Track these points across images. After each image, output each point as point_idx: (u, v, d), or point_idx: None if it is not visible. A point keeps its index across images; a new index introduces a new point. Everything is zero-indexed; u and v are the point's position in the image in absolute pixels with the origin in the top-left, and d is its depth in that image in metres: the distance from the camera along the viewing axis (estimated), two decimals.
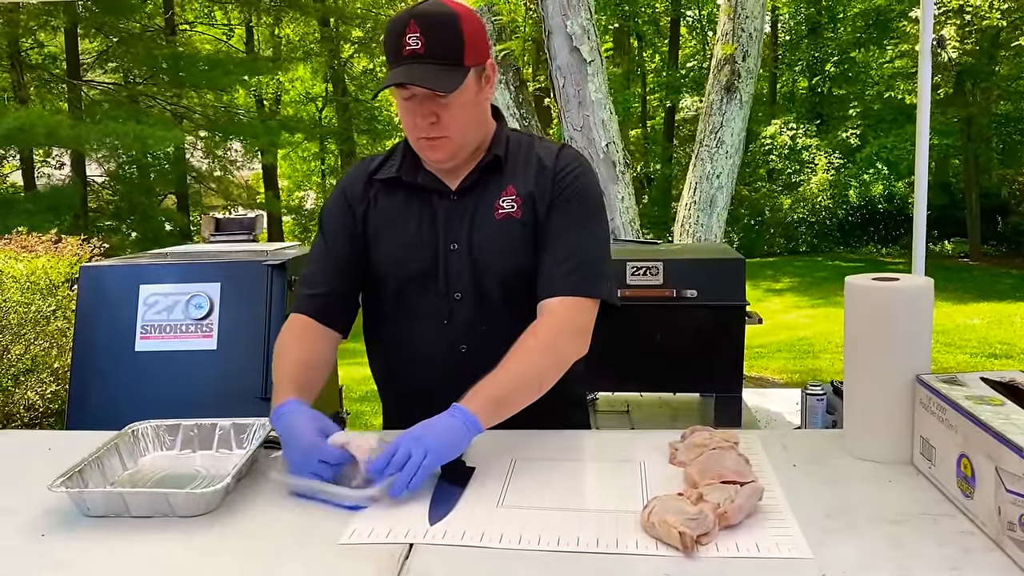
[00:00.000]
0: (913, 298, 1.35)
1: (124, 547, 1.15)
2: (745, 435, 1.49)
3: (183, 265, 2.81)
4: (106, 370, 2.69)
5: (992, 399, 1.21)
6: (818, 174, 19.14)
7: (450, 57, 1.49)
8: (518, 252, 1.60)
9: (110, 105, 15.56)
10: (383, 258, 1.65)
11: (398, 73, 1.48)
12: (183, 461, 1.49)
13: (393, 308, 1.66)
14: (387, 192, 1.67)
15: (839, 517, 1.18)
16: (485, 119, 1.64)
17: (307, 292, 1.68)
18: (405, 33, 1.47)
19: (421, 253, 1.62)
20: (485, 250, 1.60)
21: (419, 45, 1.47)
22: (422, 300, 1.63)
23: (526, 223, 1.61)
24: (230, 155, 19.57)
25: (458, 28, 1.50)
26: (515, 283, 1.61)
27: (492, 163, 1.64)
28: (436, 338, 1.63)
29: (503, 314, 1.60)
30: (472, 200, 1.63)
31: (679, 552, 1.08)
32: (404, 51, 1.48)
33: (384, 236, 1.65)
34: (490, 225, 1.61)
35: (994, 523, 1.08)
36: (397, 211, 1.66)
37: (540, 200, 1.61)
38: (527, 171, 1.64)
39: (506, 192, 1.62)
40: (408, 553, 1.11)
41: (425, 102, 1.51)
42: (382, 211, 1.66)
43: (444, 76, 1.48)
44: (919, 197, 3.03)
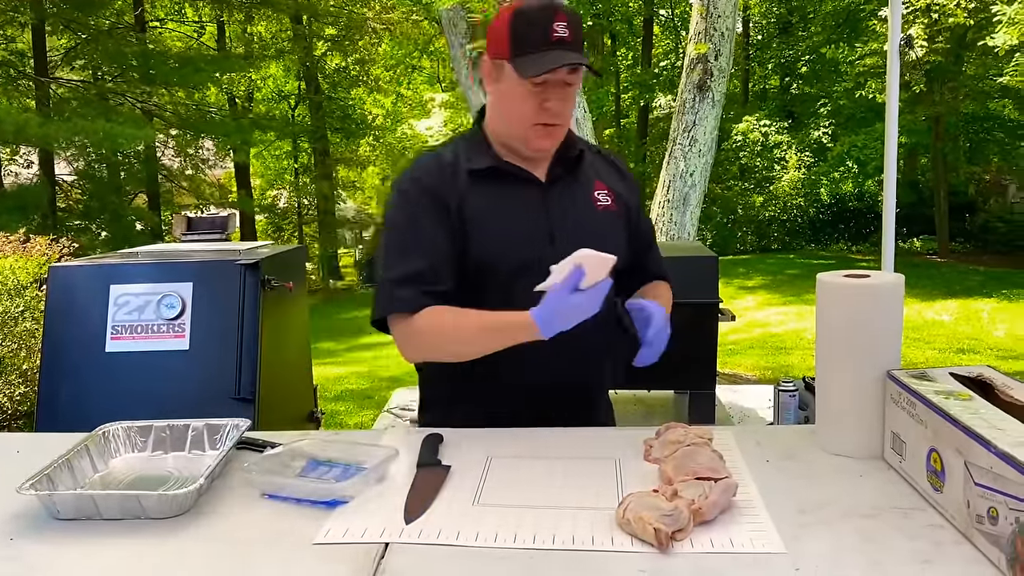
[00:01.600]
0: (884, 294, 1.37)
1: (95, 550, 1.14)
2: (719, 431, 1.50)
3: (154, 265, 2.77)
4: (76, 371, 2.65)
5: (961, 394, 1.23)
6: (789, 172, 19.31)
7: (581, 48, 1.61)
8: (618, 241, 1.72)
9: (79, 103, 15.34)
10: (488, 248, 1.65)
11: (557, 56, 1.55)
12: (155, 463, 1.48)
13: (499, 298, 1.61)
14: (477, 183, 1.67)
15: (812, 512, 1.19)
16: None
17: (424, 289, 1.61)
18: (554, 20, 1.56)
19: (525, 242, 1.66)
20: (593, 238, 1.60)
21: (567, 33, 1.56)
22: (529, 287, 1.59)
23: (620, 217, 1.77)
24: (202, 153, 19.36)
25: (582, 25, 1.62)
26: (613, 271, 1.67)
27: (577, 157, 1.74)
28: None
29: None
30: (563, 190, 1.72)
31: (654, 548, 1.08)
32: (553, 37, 1.56)
33: (487, 226, 1.65)
34: (593, 215, 1.72)
35: (963, 516, 1.10)
36: (495, 201, 1.68)
37: (628, 201, 1.80)
38: (607, 170, 1.81)
39: (597, 186, 1.76)
40: (384, 552, 1.11)
41: (557, 87, 1.59)
42: (479, 202, 1.66)
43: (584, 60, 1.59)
44: (888, 195, 3.07)
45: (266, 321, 2.69)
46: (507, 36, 1.58)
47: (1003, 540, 0.99)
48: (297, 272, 3.20)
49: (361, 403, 7.22)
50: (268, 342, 2.70)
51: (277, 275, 2.79)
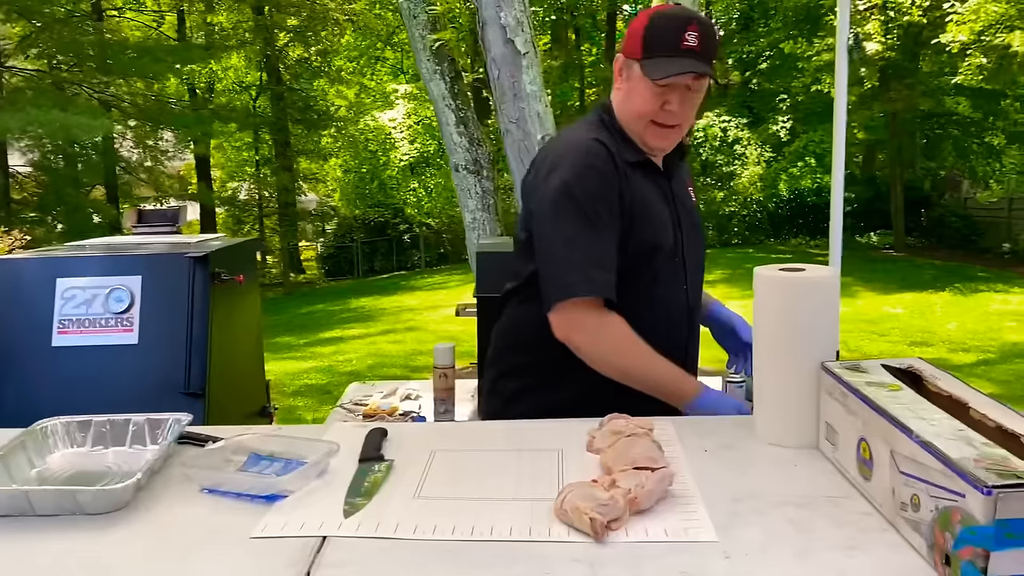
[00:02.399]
0: (818, 288, 1.40)
1: (28, 547, 1.13)
2: (660, 422, 1.52)
3: (102, 258, 2.73)
4: (21, 366, 2.60)
5: (891, 385, 1.26)
6: (749, 167, 19.54)
7: (711, 59, 1.74)
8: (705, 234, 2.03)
9: (33, 92, 15.03)
10: (652, 232, 1.81)
11: (682, 63, 1.70)
12: (95, 458, 1.46)
13: (652, 276, 1.83)
14: (632, 173, 1.81)
15: (745, 501, 1.21)
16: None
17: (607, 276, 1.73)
18: (686, 29, 1.70)
19: (668, 225, 1.86)
20: (697, 229, 1.96)
21: (696, 43, 1.70)
22: (669, 268, 1.87)
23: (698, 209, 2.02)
24: (161, 145, 19.09)
25: (716, 38, 1.76)
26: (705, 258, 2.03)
27: (683, 152, 1.95)
28: (678, 300, 1.89)
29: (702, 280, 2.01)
30: (676, 183, 1.93)
31: (590, 538, 1.10)
32: (683, 44, 1.70)
33: (646, 212, 1.81)
34: (693, 208, 1.98)
35: (889, 504, 1.13)
36: (647, 189, 1.84)
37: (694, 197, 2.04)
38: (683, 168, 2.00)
39: (688, 183, 1.99)
40: (321, 546, 1.11)
41: (679, 91, 1.74)
42: (640, 190, 1.81)
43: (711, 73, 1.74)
44: (836, 189, 3.12)
45: (216, 315, 2.67)
46: (641, 38, 1.73)
47: (924, 527, 1.02)
48: (248, 265, 3.17)
49: (320, 398, 7.19)
50: (218, 336, 2.68)
51: (228, 268, 2.76)
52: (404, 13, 6.19)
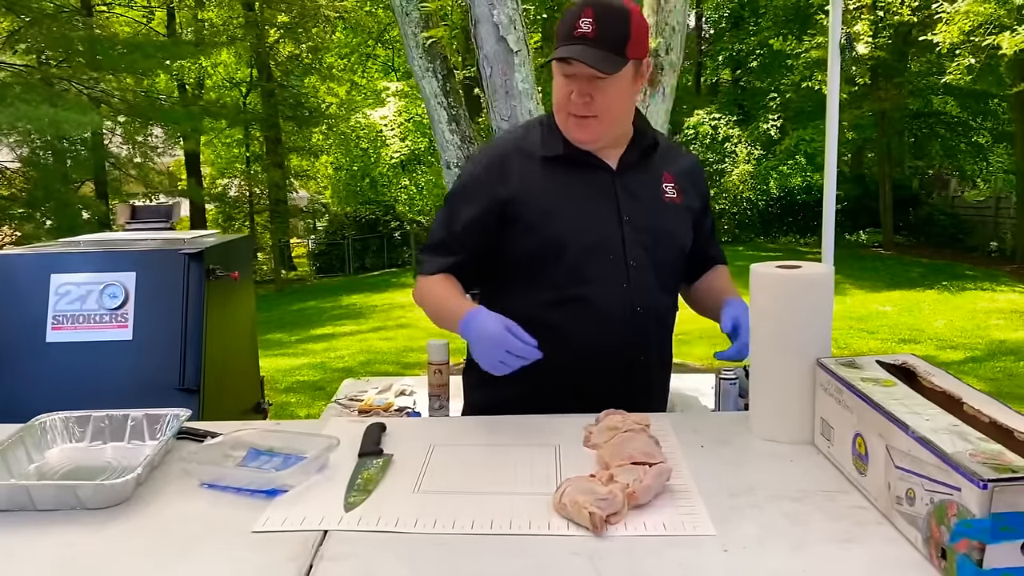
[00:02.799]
0: (813, 284, 1.41)
1: (29, 541, 1.13)
2: (657, 418, 1.54)
3: (96, 254, 2.72)
4: (15, 362, 2.59)
5: (885, 381, 1.27)
6: (739, 165, 19.59)
7: (615, 45, 1.64)
8: (683, 232, 1.87)
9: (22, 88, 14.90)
10: (558, 227, 1.75)
11: (567, 50, 1.64)
12: (93, 453, 1.46)
13: (568, 274, 1.77)
14: (549, 167, 1.78)
15: (742, 495, 1.23)
16: (631, 112, 1.81)
17: (436, 259, 1.82)
18: (580, 16, 1.64)
19: (596, 221, 1.78)
20: (659, 228, 1.82)
21: (590, 29, 1.63)
22: (599, 266, 1.77)
23: (683, 210, 1.87)
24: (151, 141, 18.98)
25: (627, 21, 1.66)
26: (677, 256, 1.88)
27: (651, 146, 1.84)
28: (616, 299, 1.77)
29: (671, 281, 1.88)
30: (634, 179, 1.82)
31: (589, 532, 1.11)
32: (575, 32, 1.64)
33: (556, 207, 1.76)
34: (661, 207, 1.83)
35: (884, 498, 1.14)
36: (565, 184, 1.78)
37: (695, 195, 1.91)
38: (675, 164, 1.90)
39: (665, 179, 1.86)
40: (322, 540, 1.11)
41: (583, 81, 1.67)
42: (548, 185, 1.77)
43: (607, 60, 1.64)
44: (828, 187, 3.14)
45: (211, 311, 2.67)
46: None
47: (920, 520, 1.04)
48: (243, 262, 3.17)
49: (313, 395, 7.18)
50: (213, 332, 2.67)
51: (222, 265, 2.76)
52: (396, 10, 6.18)
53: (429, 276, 1.82)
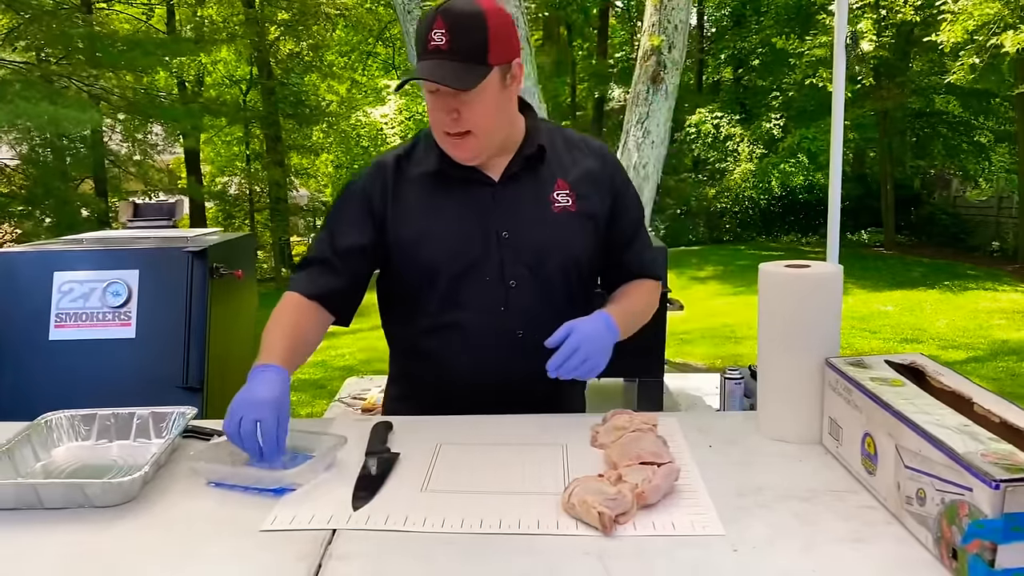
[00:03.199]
0: (822, 284, 1.41)
1: (37, 540, 1.13)
2: (664, 418, 1.53)
3: (100, 251, 2.73)
4: (19, 360, 2.59)
5: (894, 380, 1.27)
6: (741, 164, 19.56)
7: (473, 55, 1.51)
8: (578, 243, 1.69)
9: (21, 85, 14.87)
10: (434, 252, 1.65)
11: (421, 67, 1.53)
12: (99, 451, 1.46)
13: (442, 299, 1.66)
14: (426, 186, 1.68)
15: (751, 495, 1.22)
16: (509, 117, 1.66)
17: (308, 277, 1.68)
18: (432, 28, 1.51)
19: (471, 243, 1.65)
20: (545, 241, 1.66)
21: (443, 41, 1.50)
22: (474, 289, 1.65)
23: (582, 216, 1.69)
24: (150, 139, 18.96)
25: (484, 26, 1.52)
26: (575, 271, 1.71)
27: (536, 154, 1.68)
28: (492, 325, 1.66)
29: (562, 299, 1.68)
30: (518, 190, 1.67)
31: (598, 532, 1.11)
32: (429, 46, 1.51)
33: (428, 229, 1.66)
34: (548, 216, 1.67)
35: (894, 498, 1.14)
36: (441, 204, 1.67)
37: (598, 199, 1.71)
38: (574, 166, 1.72)
39: (558, 186, 1.69)
40: (331, 539, 1.11)
41: (447, 98, 1.54)
42: (424, 206, 1.67)
43: (465, 73, 1.51)
44: (833, 186, 3.14)
45: (214, 309, 2.67)
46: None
47: (930, 520, 1.03)
48: (246, 260, 3.17)
49: (314, 393, 7.18)
50: (216, 330, 2.67)
51: (226, 263, 2.76)
52: (398, 8, 6.17)
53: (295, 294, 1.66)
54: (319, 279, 1.68)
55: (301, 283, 1.68)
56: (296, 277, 1.71)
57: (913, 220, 19.13)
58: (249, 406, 1.32)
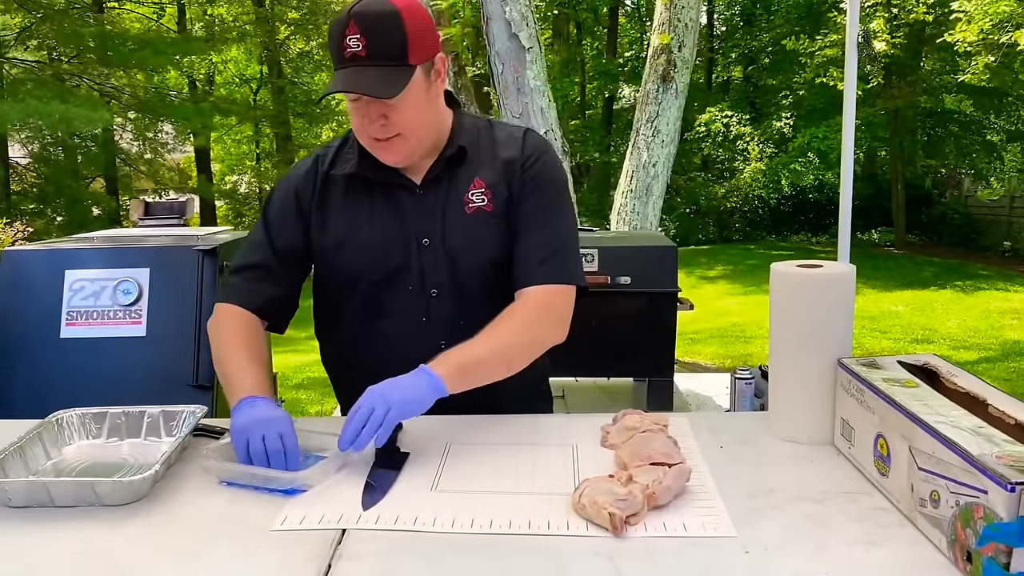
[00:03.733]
0: (834, 284, 1.40)
1: (48, 537, 1.13)
2: (675, 418, 1.53)
3: (110, 250, 2.73)
4: (30, 358, 2.60)
5: (907, 381, 1.26)
6: (751, 163, 19.50)
7: (393, 58, 1.45)
8: (494, 245, 1.60)
9: (33, 84, 14.97)
10: (353, 258, 1.61)
11: (340, 77, 1.46)
12: (110, 450, 1.46)
13: (363, 308, 1.62)
14: (346, 189, 1.63)
15: (762, 496, 1.22)
16: (438, 114, 1.61)
17: (248, 286, 1.63)
18: (345, 35, 1.44)
19: (392, 250, 1.59)
20: (461, 245, 1.59)
21: (360, 47, 1.43)
22: (396, 298, 1.60)
23: (498, 215, 1.60)
24: (161, 137, 19.06)
25: (401, 26, 1.45)
26: (494, 275, 1.60)
27: (457, 155, 1.62)
28: (414, 336, 1.60)
29: (482, 307, 1.56)
30: (439, 193, 1.61)
31: (609, 533, 1.10)
32: (345, 53, 1.44)
33: (352, 235, 1.61)
34: (463, 219, 1.59)
35: (907, 500, 1.13)
36: (361, 209, 1.62)
37: (510, 191, 1.61)
38: (493, 161, 1.63)
39: (474, 185, 1.61)
40: (341, 539, 1.11)
41: (372, 104, 1.48)
42: (344, 210, 1.62)
43: (388, 79, 1.45)
44: (844, 186, 3.13)
45: None
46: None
47: (944, 523, 1.02)
48: None
49: (323, 391, 7.18)
50: None
51: None
52: None
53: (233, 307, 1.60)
54: (258, 287, 1.63)
55: (240, 293, 1.63)
56: (232, 284, 1.65)
57: (924, 220, 19.03)
58: (263, 424, 1.31)
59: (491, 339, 1.47)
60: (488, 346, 1.47)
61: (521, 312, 1.54)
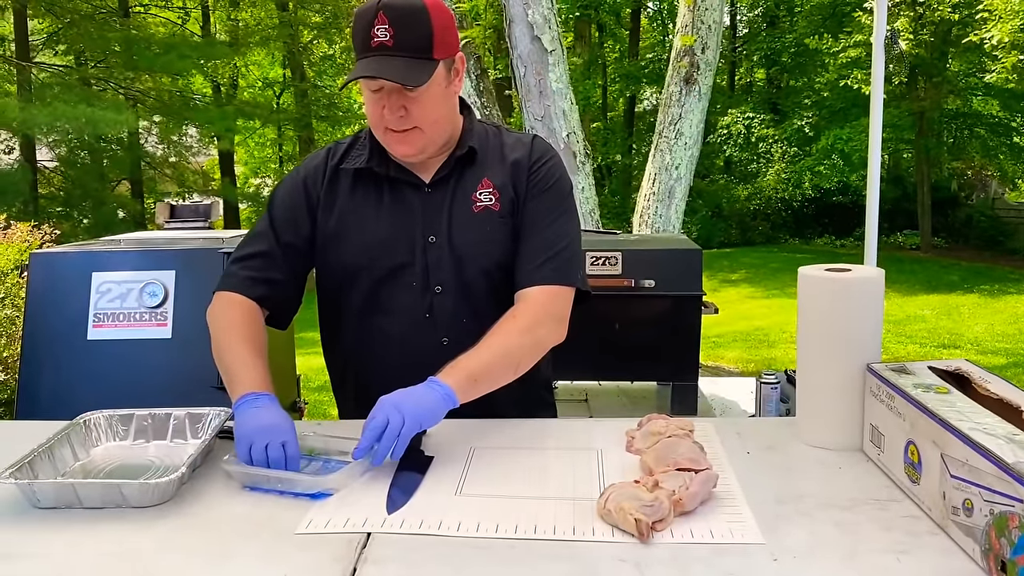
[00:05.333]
0: (864, 288, 1.38)
1: (76, 539, 1.14)
2: (700, 423, 1.51)
3: (137, 252, 2.76)
4: (57, 359, 2.63)
5: (939, 387, 1.24)
6: (774, 165, 19.37)
7: (419, 50, 1.48)
8: (500, 244, 1.61)
9: (61, 88, 15.16)
10: (355, 252, 1.62)
11: (366, 65, 1.47)
12: (137, 451, 1.47)
13: (364, 304, 1.62)
14: (355, 183, 1.64)
15: (791, 503, 1.20)
16: (453, 113, 1.63)
17: (249, 274, 1.64)
18: (373, 24, 1.46)
19: (396, 246, 1.61)
20: (467, 243, 1.61)
21: (387, 37, 1.45)
22: (398, 294, 1.61)
23: (504, 215, 1.62)
24: (186, 140, 19.22)
25: (427, 20, 1.48)
26: (498, 275, 1.62)
27: (467, 155, 1.63)
28: (416, 332, 1.60)
29: (486, 305, 1.59)
30: (447, 192, 1.62)
31: (635, 539, 1.09)
32: (372, 42, 1.46)
33: (356, 229, 1.62)
34: (470, 218, 1.61)
35: (939, 508, 1.11)
36: (368, 203, 1.63)
37: (516, 192, 1.63)
38: (501, 163, 1.65)
39: (482, 185, 1.62)
40: (366, 543, 1.11)
41: (393, 95, 1.50)
42: (350, 203, 1.63)
43: (413, 69, 1.47)
44: (872, 189, 3.09)
45: None
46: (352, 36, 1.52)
47: (978, 531, 1.01)
48: None
49: None
50: None
51: None
52: None
53: (234, 295, 1.62)
54: (260, 276, 1.63)
55: (241, 282, 1.63)
56: (233, 272, 1.65)
57: (950, 222, 18.81)
58: (267, 432, 1.32)
59: (496, 343, 1.49)
60: (494, 351, 1.48)
61: (523, 315, 1.55)
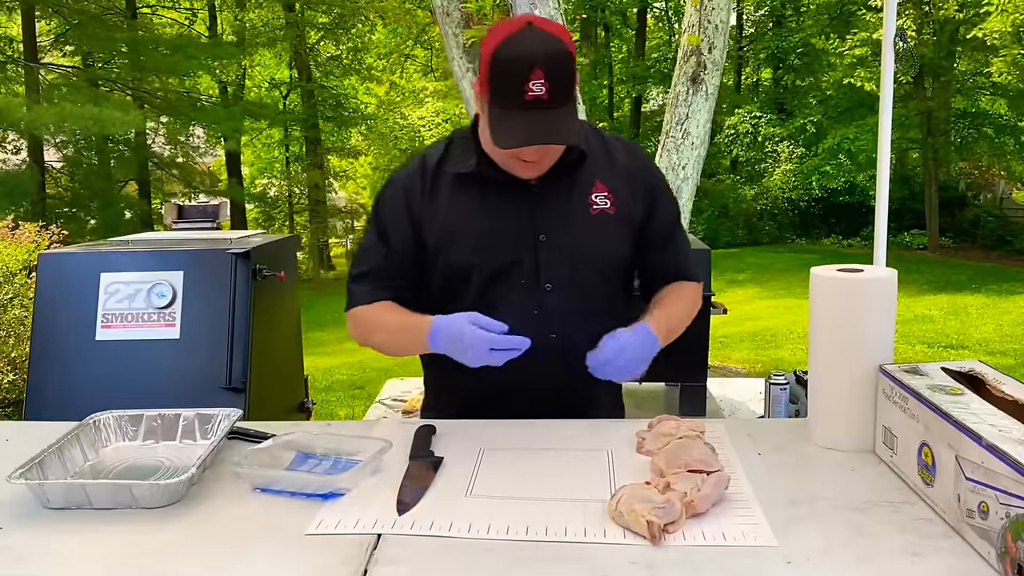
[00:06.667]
0: (877, 289, 1.37)
1: (86, 539, 1.14)
2: (711, 424, 1.50)
3: (145, 253, 2.76)
4: (66, 359, 2.64)
5: (952, 389, 1.23)
6: (781, 165, 19.32)
7: (569, 97, 1.50)
8: (615, 244, 1.69)
9: (68, 88, 15.22)
10: (465, 252, 1.64)
11: (526, 126, 1.47)
12: (146, 452, 1.47)
13: (473, 300, 1.63)
14: (456, 185, 1.66)
15: (803, 505, 1.20)
16: None
17: (371, 288, 1.69)
18: (529, 79, 1.44)
19: (504, 245, 1.64)
20: (584, 243, 1.65)
21: (543, 91, 1.45)
22: (508, 291, 1.64)
23: (620, 218, 1.68)
24: (193, 141, 19.28)
25: (573, 66, 1.50)
26: (611, 273, 1.71)
27: (578, 159, 1.65)
28: (525, 328, 1.57)
29: (597, 303, 1.67)
30: (557, 192, 1.65)
31: (646, 541, 1.09)
32: (527, 96, 1.45)
33: (460, 229, 1.65)
34: (587, 219, 1.66)
35: (953, 511, 1.10)
36: (471, 204, 1.65)
37: (635, 197, 1.70)
38: (611, 167, 1.70)
39: (596, 188, 1.67)
40: (376, 544, 1.11)
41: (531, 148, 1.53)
42: (455, 205, 1.66)
43: (568, 122, 1.51)
44: (881, 188, 3.07)
45: (257, 311, 2.69)
46: (487, 79, 1.50)
47: (993, 534, 1.00)
48: (289, 262, 3.19)
49: (352, 394, 7.22)
50: (259, 332, 2.69)
51: (268, 264, 2.78)
52: (437, 10, 6.18)
53: (367, 305, 1.69)
54: (380, 285, 1.69)
55: (365, 295, 1.70)
56: (355, 291, 1.71)
57: (958, 222, 18.74)
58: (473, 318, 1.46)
59: (675, 306, 1.71)
60: (676, 310, 1.70)
61: (685, 291, 1.76)
